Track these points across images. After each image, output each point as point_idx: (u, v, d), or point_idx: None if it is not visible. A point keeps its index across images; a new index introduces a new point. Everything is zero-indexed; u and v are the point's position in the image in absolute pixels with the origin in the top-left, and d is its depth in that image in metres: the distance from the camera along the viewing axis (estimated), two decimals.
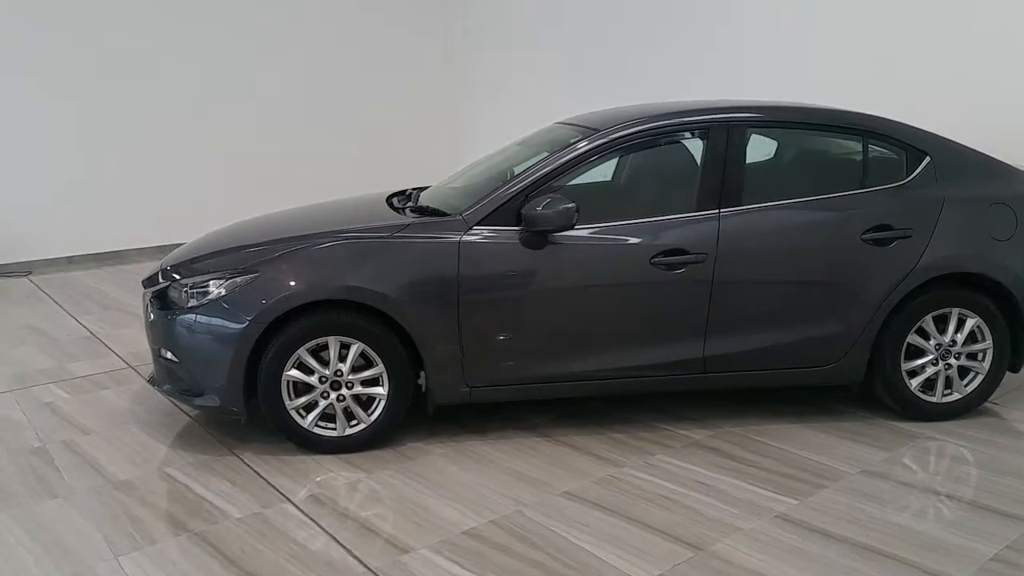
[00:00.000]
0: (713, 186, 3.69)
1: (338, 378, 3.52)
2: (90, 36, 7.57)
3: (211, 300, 3.48)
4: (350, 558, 2.81)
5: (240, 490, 3.31)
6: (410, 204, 4.08)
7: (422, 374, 3.60)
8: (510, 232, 3.54)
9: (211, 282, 3.52)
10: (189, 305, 3.52)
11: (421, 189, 4.46)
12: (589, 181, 3.87)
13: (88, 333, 5.48)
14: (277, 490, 3.30)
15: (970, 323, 3.79)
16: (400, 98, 9.64)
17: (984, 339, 3.82)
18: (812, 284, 3.70)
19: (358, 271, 3.48)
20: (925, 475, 3.37)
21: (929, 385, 3.86)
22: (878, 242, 3.68)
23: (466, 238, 3.53)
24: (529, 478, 3.37)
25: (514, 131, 5.13)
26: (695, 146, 3.81)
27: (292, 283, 3.45)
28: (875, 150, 3.90)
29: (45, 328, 5.64)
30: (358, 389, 3.55)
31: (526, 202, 3.54)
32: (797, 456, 3.56)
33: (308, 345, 3.47)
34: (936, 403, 3.87)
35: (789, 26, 6.64)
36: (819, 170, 4.03)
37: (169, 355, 3.62)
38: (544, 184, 3.61)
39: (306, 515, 3.10)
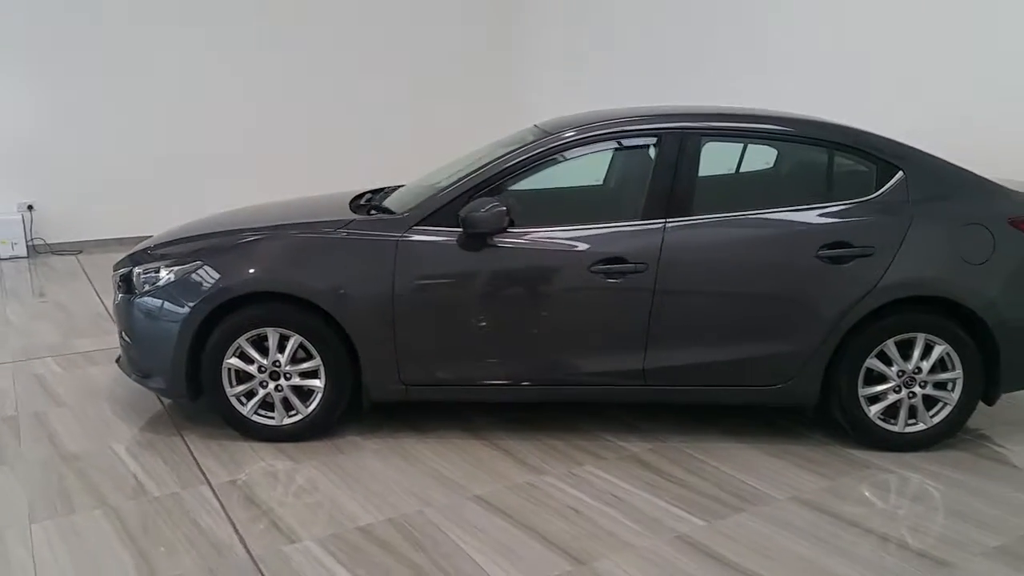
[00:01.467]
0: (661, 195, 3.60)
1: (277, 369, 3.61)
2: (135, 33, 7.98)
3: (159, 287, 3.63)
4: (238, 543, 2.89)
5: (170, 469, 3.44)
6: (374, 202, 4.13)
7: None
8: (449, 234, 3.55)
9: (161, 269, 3.67)
10: (142, 290, 3.68)
11: (400, 187, 4.51)
12: (542, 187, 3.85)
13: (104, 312, 5.78)
14: (202, 472, 3.41)
15: (938, 350, 3.56)
16: (451, 85, 9.72)
17: (954, 368, 3.58)
18: (760, 300, 3.56)
19: (296, 266, 3.56)
20: (859, 509, 3.19)
21: (893, 413, 3.65)
22: (834, 259, 3.51)
23: (404, 238, 3.56)
24: (448, 479, 3.38)
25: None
26: (649, 154, 3.72)
27: (231, 274, 3.56)
28: (843, 163, 3.72)
29: (68, 304, 5.99)
30: (296, 380, 3.63)
31: (466, 204, 3.54)
32: (730, 477, 3.43)
33: (248, 335, 3.58)
34: (898, 433, 3.65)
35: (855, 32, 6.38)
36: (779, 182, 3.88)
37: (126, 337, 3.79)
38: (486, 187, 3.60)
39: (217, 498, 3.20)
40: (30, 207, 7.94)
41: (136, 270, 3.72)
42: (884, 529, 3.03)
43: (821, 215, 3.57)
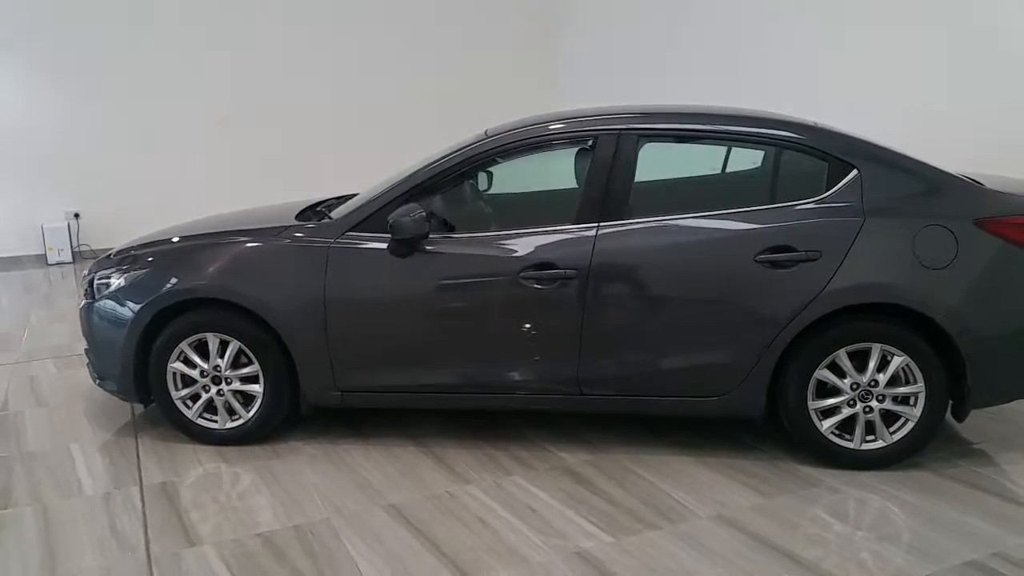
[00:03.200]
0: (595, 199, 3.48)
1: (218, 374, 3.67)
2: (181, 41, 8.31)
3: (111, 292, 3.75)
4: (143, 545, 2.95)
5: (112, 470, 3.55)
6: (326, 209, 4.15)
7: None
8: (379, 240, 3.54)
9: (113, 275, 3.79)
10: (98, 295, 3.81)
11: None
12: (485, 191, 3.79)
13: None
14: (139, 473, 3.51)
15: (896, 362, 3.32)
16: (497, 81, 9.73)
17: (915, 381, 3.33)
18: (697, 308, 3.40)
19: (233, 272, 3.62)
20: (784, 531, 2.99)
21: (850, 428, 3.42)
22: (776, 264, 3.32)
23: (336, 244, 3.57)
24: (369, 487, 3.36)
25: None
26: (586, 156, 3.61)
27: (172, 281, 3.64)
28: (793, 162, 3.51)
29: None
30: (237, 385, 3.69)
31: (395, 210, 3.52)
32: (661, 492, 3.29)
33: (190, 340, 3.66)
34: (854, 450, 3.42)
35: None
36: (724, 184, 3.69)
37: (86, 341, 3.94)
38: (416, 192, 3.57)
39: (142, 499, 3.28)
40: (76, 215, 8.37)
41: (94, 276, 3.86)
42: (802, 553, 2.84)
43: (764, 218, 3.38)
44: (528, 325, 3.47)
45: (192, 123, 8.54)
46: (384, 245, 3.52)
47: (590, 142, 3.56)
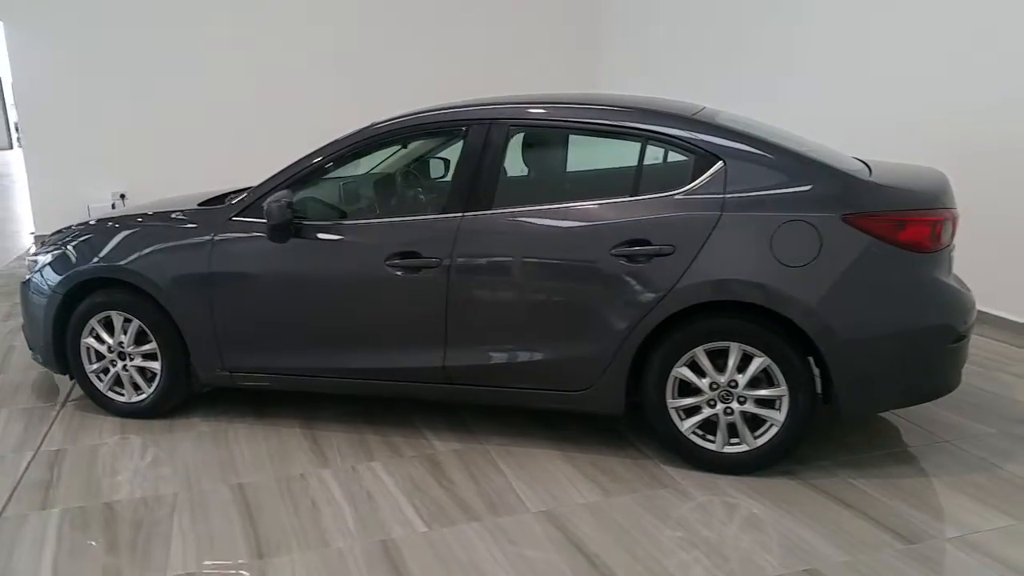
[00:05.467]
0: (463, 188, 3.48)
1: (123, 350, 3.90)
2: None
3: (37, 270, 4.04)
4: (3, 503, 3.18)
5: (22, 435, 3.83)
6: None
7: None
8: (260, 225, 3.65)
9: (41, 255, 4.08)
10: (31, 273, 4.11)
11: None
12: (352, 177, 3.85)
13: None
14: (42, 440, 3.77)
15: (756, 363, 3.17)
16: (538, 82, 9.69)
17: (778, 384, 3.17)
18: (554, 300, 3.35)
19: (132, 254, 3.82)
20: (600, 532, 2.92)
21: (713, 429, 3.30)
22: (631, 258, 3.22)
23: (222, 229, 3.71)
24: (232, 465, 3.49)
25: None
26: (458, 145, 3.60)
27: (79, 261, 3.89)
28: (659, 153, 3.38)
29: None
30: (139, 362, 3.91)
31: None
32: (505, 484, 3.28)
33: (99, 317, 3.90)
34: (716, 452, 3.30)
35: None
36: (593, 175, 3.59)
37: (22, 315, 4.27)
38: (294, 179, 3.65)
39: (29, 464, 3.53)
40: (122, 196, 8.92)
41: (30, 255, 4.16)
42: (603, 555, 2.77)
43: (623, 210, 3.28)
44: (395, 313, 3.51)
45: (240, 104, 8.86)
46: (263, 231, 3.63)
47: (463, 130, 3.54)
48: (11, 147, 22.64)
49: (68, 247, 3.98)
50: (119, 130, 8.66)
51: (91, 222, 4.11)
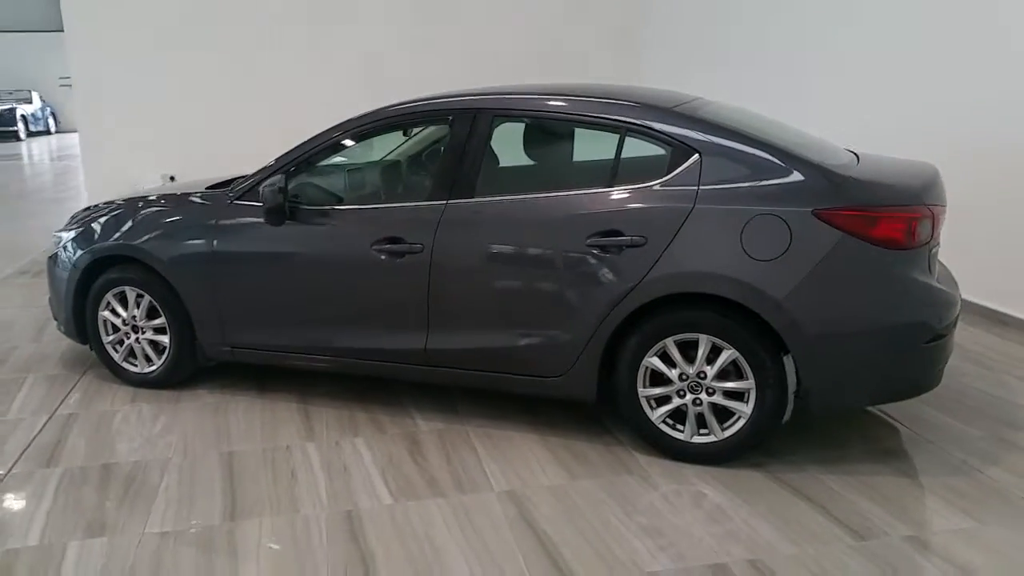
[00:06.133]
0: (448, 175, 3.58)
1: (136, 323, 4.14)
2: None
3: (60, 247, 4.31)
4: (11, 463, 3.44)
5: (43, 400, 4.11)
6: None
7: None
8: (258, 209, 3.82)
9: (64, 233, 4.35)
10: (55, 249, 4.39)
11: None
12: (351, 163, 3.99)
13: None
14: (57, 406, 4.03)
15: (724, 355, 3.21)
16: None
17: (746, 377, 3.20)
18: (530, 288, 3.43)
19: (144, 233, 4.04)
20: (558, 513, 3.00)
21: (683, 419, 3.35)
22: (605, 248, 3.28)
23: (224, 211, 3.90)
24: (226, 435, 3.69)
25: None
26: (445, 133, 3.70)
27: (95, 239, 4.13)
28: (638, 145, 3.42)
29: None
30: (150, 335, 4.14)
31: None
32: (477, 463, 3.39)
33: (114, 292, 4.14)
34: (685, 442, 3.35)
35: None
36: (576, 165, 3.65)
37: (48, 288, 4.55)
38: (292, 165, 3.81)
39: (43, 426, 3.80)
40: (172, 178, 9.29)
41: (55, 233, 4.44)
42: (554, 536, 2.86)
43: (599, 200, 3.34)
44: (381, 296, 3.64)
45: (282, 92, 9.13)
46: (260, 214, 3.79)
47: (450, 119, 3.64)
48: (50, 132, 23.90)
49: (88, 225, 4.23)
50: (169, 118, 9.01)
51: (113, 202, 4.35)
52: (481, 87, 3.82)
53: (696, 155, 3.26)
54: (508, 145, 3.74)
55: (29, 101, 24.62)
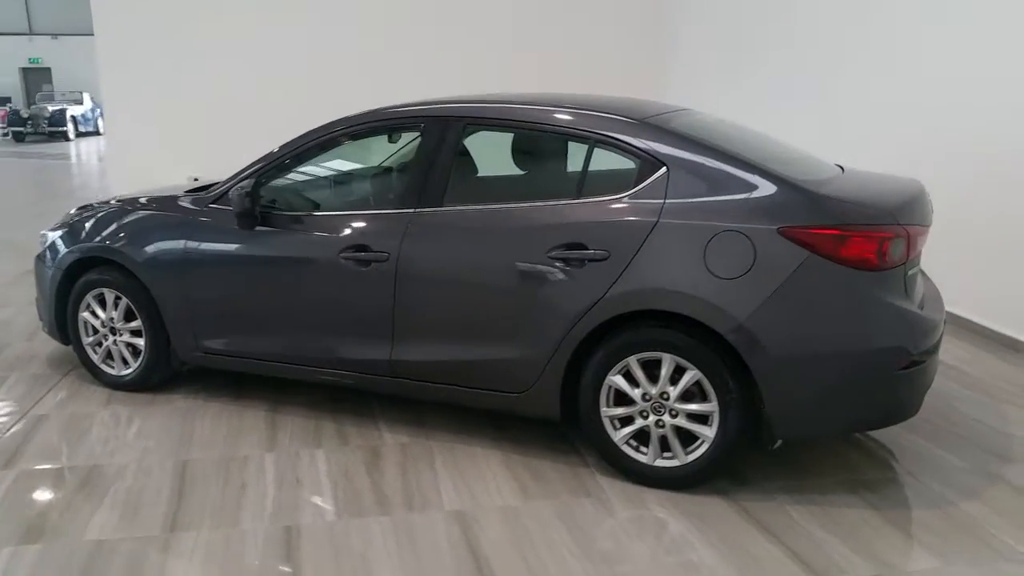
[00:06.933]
0: (417, 184, 3.52)
1: (114, 325, 4.15)
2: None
3: (45, 249, 4.35)
4: None
5: (21, 400, 4.13)
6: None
7: None
8: (230, 213, 3.80)
9: (49, 235, 4.38)
10: (41, 251, 4.42)
11: None
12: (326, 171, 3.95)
13: None
14: (31, 406, 4.05)
15: (688, 375, 3.08)
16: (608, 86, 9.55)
17: (710, 399, 3.07)
18: (493, 301, 3.34)
19: (121, 235, 4.05)
20: (504, 535, 2.90)
21: (647, 441, 3.23)
22: (567, 262, 3.18)
23: (199, 215, 3.89)
24: (188, 441, 3.65)
25: None
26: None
27: (77, 239, 4.15)
28: (607, 157, 3.32)
29: None
30: (127, 337, 4.14)
31: None
32: (433, 480, 3.30)
33: (93, 293, 4.15)
34: (647, 464, 3.22)
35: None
36: (542, 176, 3.55)
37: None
38: (262, 171, 3.78)
39: (11, 427, 3.81)
40: (196, 180, 9.38)
41: (41, 234, 4.48)
42: (491, 556, 2.76)
43: (564, 212, 3.24)
44: (348, 304, 3.58)
45: (308, 95, 9.17)
46: (233, 220, 3.77)
47: (420, 127, 3.58)
48: (99, 133, 24.33)
49: (73, 225, 4.25)
50: (195, 119, 9.12)
51: (107, 202, 4.36)
52: (459, 95, 3.74)
53: (664, 168, 3.14)
54: (498, 155, 3.66)
55: (80, 102, 25.31)
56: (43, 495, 3.19)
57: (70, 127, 23.45)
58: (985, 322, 5.11)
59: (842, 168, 3.60)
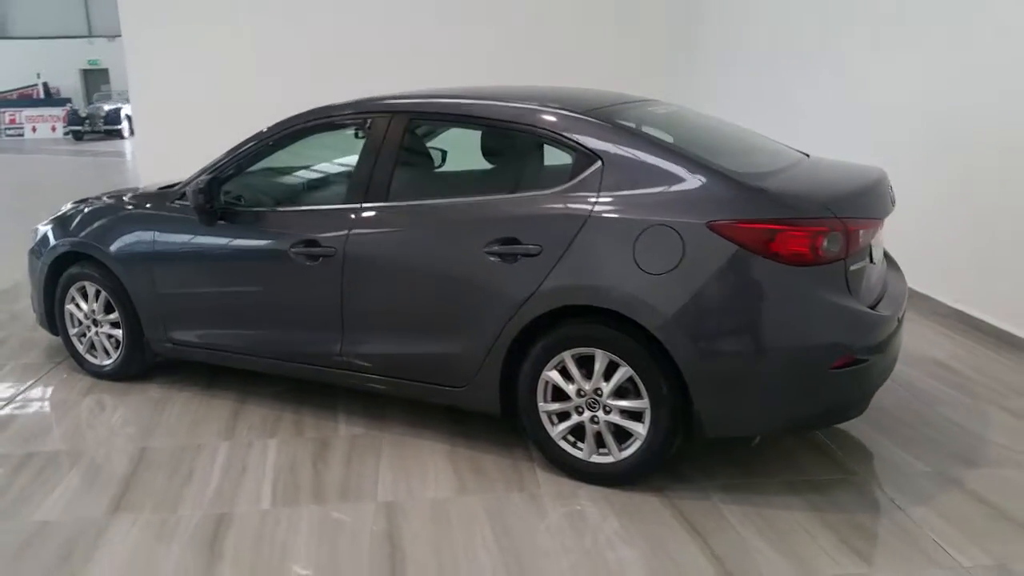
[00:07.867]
0: (362, 179, 3.55)
1: (95, 317, 4.30)
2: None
3: (35, 243, 4.53)
4: None
5: (11, 388, 4.32)
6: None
7: None
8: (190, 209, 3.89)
9: (40, 230, 4.56)
10: (33, 244, 4.61)
11: None
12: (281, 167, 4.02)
13: None
14: (18, 393, 4.24)
15: (620, 372, 3.04)
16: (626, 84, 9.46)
17: (642, 396, 3.03)
18: (434, 295, 3.35)
19: (95, 231, 4.19)
20: (427, 528, 2.91)
21: (584, 436, 3.21)
22: (501, 256, 3.17)
23: (163, 210, 4.00)
24: (152, 430, 3.76)
25: None
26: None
27: (63, 234, 4.32)
28: (547, 151, 3.29)
29: None
30: (107, 329, 4.29)
31: None
32: (374, 472, 3.33)
33: (77, 286, 4.31)
34: (583, 460, 3.20)
35: None
36: (483, 171, 3.54)
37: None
38: (221, 169, 3.85)
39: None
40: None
41: (33, 228, 4.67)
42: (409, 550, 2.78)
43: (500, 207, 3.23)
44: (300, 298, 3.64)
45: (341, 88, 9.26)
46: (195, 215, 3.86)
47: (367, 122, 3.61)
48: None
49: (61, 220, 4.42)
50: (219, 118, 9.32)
51: (100, 198, 4.52)
52: (410, 90, 3.76)
53: (599, 162, 3.10)
54: (467, 150, 3.67)
55: None
56: (4, 478, 3.33)
57: (125, 125, 24.17)
58: (991, 319, 4.90)
59: (808, 156, 3.50)
